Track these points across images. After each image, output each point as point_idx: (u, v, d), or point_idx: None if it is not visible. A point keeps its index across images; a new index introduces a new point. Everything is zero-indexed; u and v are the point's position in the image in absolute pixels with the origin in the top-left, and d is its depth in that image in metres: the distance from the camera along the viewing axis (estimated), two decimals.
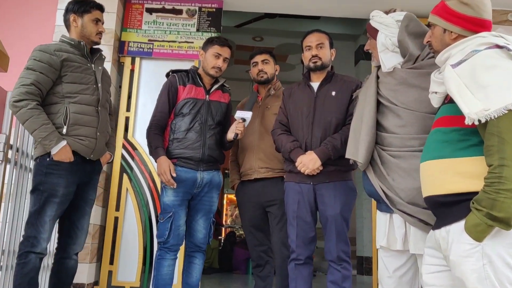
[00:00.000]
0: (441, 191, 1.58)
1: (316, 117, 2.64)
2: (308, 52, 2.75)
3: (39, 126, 2.25)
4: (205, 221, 2.81)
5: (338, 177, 2.59)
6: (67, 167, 2.33)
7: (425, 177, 1.68)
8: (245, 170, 3.03)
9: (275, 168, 2.95)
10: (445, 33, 1.74)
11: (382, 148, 2.08)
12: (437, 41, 1.78)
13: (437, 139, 1.65)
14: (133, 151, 3.93)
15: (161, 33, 4.11)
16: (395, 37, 2.11)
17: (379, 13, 2.21)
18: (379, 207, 2.15)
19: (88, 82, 2.46)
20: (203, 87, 2.88)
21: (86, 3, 2.51)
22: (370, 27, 2.23)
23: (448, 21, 1.72)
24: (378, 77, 2.22)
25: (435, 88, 1.72)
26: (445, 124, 1.64)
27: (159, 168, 2.69)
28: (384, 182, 2.04)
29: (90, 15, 2.50)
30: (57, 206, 2.31)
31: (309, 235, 2.59)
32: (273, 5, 4.39)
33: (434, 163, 1.62)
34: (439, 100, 1.73)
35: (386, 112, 2.12)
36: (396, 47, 2.12)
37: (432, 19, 1.80)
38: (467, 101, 1.45)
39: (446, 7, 1.74)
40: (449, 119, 1.63)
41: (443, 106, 1.70)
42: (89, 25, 2.51)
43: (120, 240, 3.80)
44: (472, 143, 1.54)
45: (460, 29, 1.70)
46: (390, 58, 2.14)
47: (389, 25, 2.13)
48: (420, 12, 4.09)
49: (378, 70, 2.24)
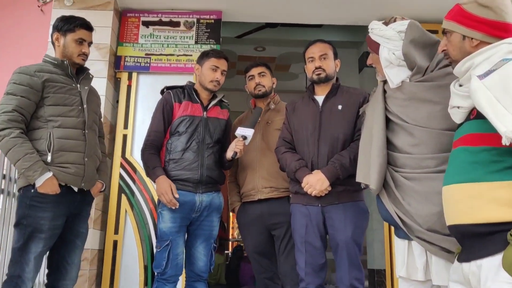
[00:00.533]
0: (472, 220, 1.40)
1: (322, 133, 2.46)
2: (311, 63, 2.58)
3: (23, 156, 2.08)
4: (206, 248, 2.62)
5: (348, 197, 2.40)
6: (53, 199, 2.15)
7: (451, 203, 1.49)
8: (247, 191, 2.83)
9: (280, 187, 2.75)
10: (465, 40, 1.57)
11: (395, 169, 1.92)
12: (456, 50, 1.61)
13: (465, 160, 1.46)
14: (131, 170, 3.76)
15: (158, 47, 3.95)
16: (399, 50, 1.94)
17: (378, 25, 2.04)
18: (397, 233, 1.99)
19: (72, 103, 2.29)
20: (200, 103, 2.71)
21: (71, 21, 2.35)
22: (371, 41, 2.07)
23: (468, 26, 1.56)
24: (385, 91, 2.05)
25: (459, 102, 1.54)
26: (473, 143, 1.45)
27: (159, 188, 2.51)
28: (399, 207, 1.88)
29: (74, 34, 2.34)
30: (43, 242, 2.13)
31: (319, 262, 2.40)
32: (273, 15, 4.23)
33: (463, 187, 1.44)
34: (463, 116, 1.55)
35: (397, 130, 1.95)
36: (401, 61, 1.95)
37: (448, 25, 1.63)
38: (502, 118, 1.27)
39: (464, 11, 1.57)
40: (477, 137, 1.45)
41: (468, 122, 1.52)
42: (71, 45, 2.34)
43: (120, 265, 3.62)
44: (508, 165, 1.36)
45: (482, 34, 1.53)
46: (397, 73, 1.97)
47: (391, 38, 1.97)
48: (423, 18, 3.94)
49: (384, 84, 2.07)
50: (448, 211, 1.52)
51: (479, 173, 1.40)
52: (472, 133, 1.47)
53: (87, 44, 2.39)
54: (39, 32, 3.79)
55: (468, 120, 1.52)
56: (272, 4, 3.96)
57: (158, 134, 2.64)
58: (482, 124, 1.41)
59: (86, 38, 2.37)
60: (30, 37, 3.79)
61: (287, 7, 4.03)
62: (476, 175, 1.41)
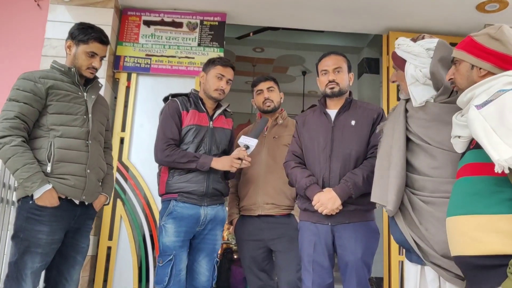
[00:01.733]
0: (475, 252, 1.42)
1: (335, 150, 2.37)
2: (324, 76, 2.49)
3: (22, 166, 1.97)
4: (209, 262, 2.53)
5: (359, 217, 2.32)
6: (52, 212, 2.03)
7: (455, 235, 1.52)
8: (247, 205, 2.75)
9: (281, 204, 2.69)
10: (473, 70, 1.61)
11: (413, 192, 1.87)
12: (463, 78, 1.64)
13: (465, 191, 1.49)
14: (127, 174, 3.66)
15: (159, 48, 3.84)
16: (426, 68, 1.89)
17: (406, 41, 1.99)
18: (409, 256, 1.94)
19: (77, 112, 2.17)
20: (206, 112, 2.62)
21: (87, 32, 2.21)
22: (396, 57, 2.01)
23: (478, 56, 1.60)
24: (406, 110, 1.98)
25: (458, 131, 1.58)
26: (472, 173, 1.49)
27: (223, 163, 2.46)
28: (415, 231, 1.83)
29: (86, 46, 2.21)
30: (40, 257, 2.01)
31: (327, 282, 2.31)
32: (278, 19, 4.14)
33: (465, 219, 1.47)
34: (463, 145, 1.59)
35: (417, 151, 1.90)
36: (427, 79, 1.90)
37: (459, 55, 1.66)
38: (496, 146, 1.30)
39: (475, 42, 1.61)
40: (475, 167, 1.48)
41: (468, 152, 1.55)
42: (82, 57, 2.21)
43: (114, 271, 3.52)
44: (509, 197, 1.38)
45: (490, 65, 1.57)
46: (422, 92, 1.91)
47: (419, 55, 1.92)
48: (427, 29, 3.90)
49: (406, 103, 2.01)
50: (452, 242, 1.54)
51: (481, 206, 1.42)
52: (471, 162, 1.51)
53: (99, 58, 2.26)
54: (35, 27, 3.67)
55: (469, 150, 1.55)
56: (277, 8, 3.87)
57: (176, 142, 2.52)
58: (480, 153, 1.43)
59: (98, 52, 2.24)
60: (26, 32, 3.66)
61: (292, 12, 3.95)
62: (478, 207, 1.43)
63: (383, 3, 3.71)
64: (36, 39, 3.63)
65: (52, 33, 3.62)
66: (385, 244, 3.87)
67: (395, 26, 4.08)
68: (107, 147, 2.42)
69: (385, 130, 2.05)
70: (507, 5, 3.56)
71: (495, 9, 3.64)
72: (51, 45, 3.59)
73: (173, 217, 2.44)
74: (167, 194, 2.51)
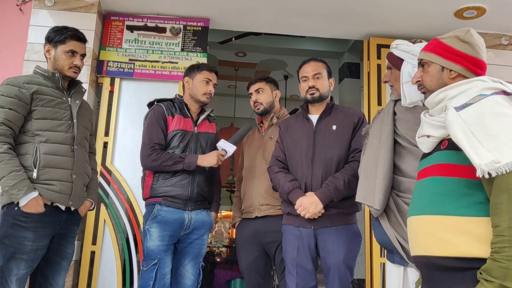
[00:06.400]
0: (441, 253, 1.38)
1: (316, 154, 2.43)
2: (304, 83, 2.55)
3: (8, 173, 1.97)
4: (194, 267, 2.56)
5: (341, 221, 2.38)
6: (37, 218, 2.04)
7: (421, 234, 1.47)
8: (246, 207, 2.76)
9: (276, 204, 2.66)
10: (443, 72, 1.61)
11: (398, 194, 1.90)
12: (433, 80, 1.63)
13: (434, 191, 1.45)
14: (111, 178, 3.65)
15: (143, 53, 3.85)
16: None
17: (405, 42, 2.03)
18: (391, 258, 1.98)
19: (61, 117, 2.18)
20: (190, 118, 2.65)
21: (63, 32, 2.23)
22: (393, 56, 2.04)
23: (448, 59, 1.60)
24: (395, 113, 2.03)
25: (430, 131, 1.54)
26: (442, 173, 1.45)
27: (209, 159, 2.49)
28: (400, 232, 1.85)
29: (64, 46, 2.23)
30: (25, 264, 2.01)
31: (310, 285, 2.36)
32: (261, 25, 4.18)
33: (434, 219, 1.42)
34: (432, 145, 1.55)
35: (404, 154, 1.93)
36: None
37: (427, 57, 1.65)
38: (476, 150, 1.28)
39: (444, 45, 1.62)
40: (447, 168, 1.44)
41: (438, 152, 1.51)
42: (62, 57, 2.23)
43: (97, 276, 3.50)
44: (479, 200, 1.35)
45: (460, 67, 1.57)
46: (414, 92, 1.94)
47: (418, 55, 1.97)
48: (408, 35, 3.98)
49: (395, 105, 2.06)
50: (416, 241, 1.50)
51: (450, 207, 1.39)
52: (442, 163, 1.47)
53: (80, 56, 2.28)
54: (18, 32, 3.63)
55: (438, 150, 1.52)
56: (261, 14, 3.91)
57: (162, 147, 2.54)
58: (453, 155, 1.42)
59: (77, 49, 2.26)
60: (8, 37, 3.62)
61: (275, 18, 3.99)
62: (447, 208, 1.40)
63: (364, 10, 3.78)
64: (18, 43, 3.60)
65: (34, 37, 3.59)
66: (367, 246, 3.92)
67: (375, 32, 4.16)
68: (92, 152, 2.43)
69: (371, 133, 2.08)
70: (485, 11, 3.66)
71: (473, 16, 3.74)
72: (34, 49, 3.56)
73: (158, 221, 2.46)
74: (152, 198, 2.53)
